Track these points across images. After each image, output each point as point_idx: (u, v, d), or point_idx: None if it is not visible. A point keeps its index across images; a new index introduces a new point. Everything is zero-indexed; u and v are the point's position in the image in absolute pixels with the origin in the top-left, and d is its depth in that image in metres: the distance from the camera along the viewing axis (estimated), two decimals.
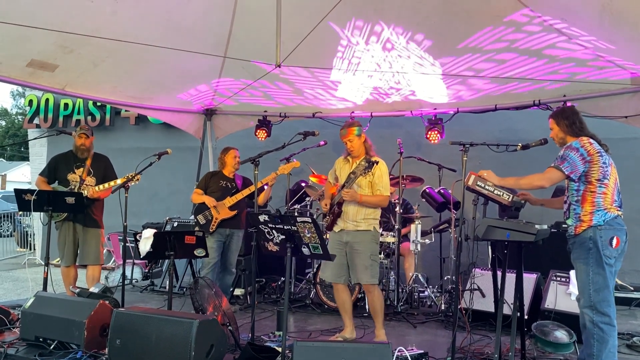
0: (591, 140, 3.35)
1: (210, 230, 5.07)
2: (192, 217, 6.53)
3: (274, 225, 3.53)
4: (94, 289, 4.53)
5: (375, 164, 3.96)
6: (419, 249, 5.64)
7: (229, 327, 3.81)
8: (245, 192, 5.16)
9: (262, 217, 3.55)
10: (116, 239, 7.77)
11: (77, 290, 4.54)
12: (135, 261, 6.94)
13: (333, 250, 4.26)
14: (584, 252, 3.27)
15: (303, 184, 6.54)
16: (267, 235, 3.61)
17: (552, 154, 3.72)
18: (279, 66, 4.38)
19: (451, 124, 6.14)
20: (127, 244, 5.24)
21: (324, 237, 4.99)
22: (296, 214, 5.85)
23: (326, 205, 4.33)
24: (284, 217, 3.47)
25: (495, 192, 3.44)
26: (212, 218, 5.12)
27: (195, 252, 4.15)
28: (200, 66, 5.56)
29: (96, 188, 4.97)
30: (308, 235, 3.42)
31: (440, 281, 5.99)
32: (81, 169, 5.09)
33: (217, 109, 7.03)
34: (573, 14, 3.99)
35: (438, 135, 6.12)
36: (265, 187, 5.53)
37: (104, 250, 8.12)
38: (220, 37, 5.10)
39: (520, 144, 3.75)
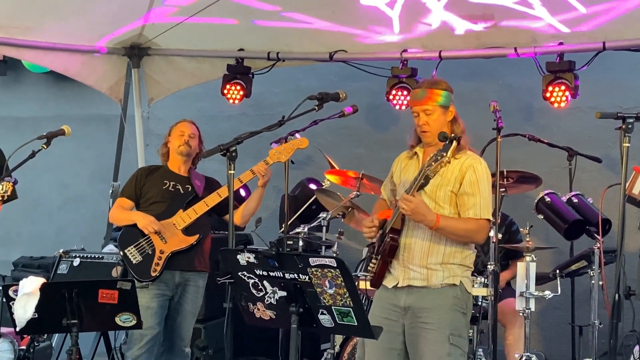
0: None
1: (153, 274, 5.12)
2: (110, 247, 6.54)
3: (265, 272, 3.53)
4: None
5: (455, 140, 3.87)
6: (533, 309, 5.61)
7: None
8: (211, 200, 5.19)
9: (243, 258, 3.54)
10: None
11: None
12: (4, 330, 6.98)
13: (379, 319, 4.22)
14: None
15: (312, 186, 6.54)
16: (254, 291, 3.61)
17: None
18: None
19: (591, 71, 6.14)
20: None
21: (359, 292, 4.96)
22: (301, 244, 5.84)
23: (373, 226, 4.22)
24: (285, 256, 3.47)
25: None
26: (153, 253, 5.16)
27: (117, 320, 4.17)
28: None
29: None
30: (330, 292, 3.41)
31: None
32: None
33: (150, 46, 7.08)
34: None
35: (567, 93, 6.10)
36: (244, 190, 5.50)
37: None
38: None
39: None
